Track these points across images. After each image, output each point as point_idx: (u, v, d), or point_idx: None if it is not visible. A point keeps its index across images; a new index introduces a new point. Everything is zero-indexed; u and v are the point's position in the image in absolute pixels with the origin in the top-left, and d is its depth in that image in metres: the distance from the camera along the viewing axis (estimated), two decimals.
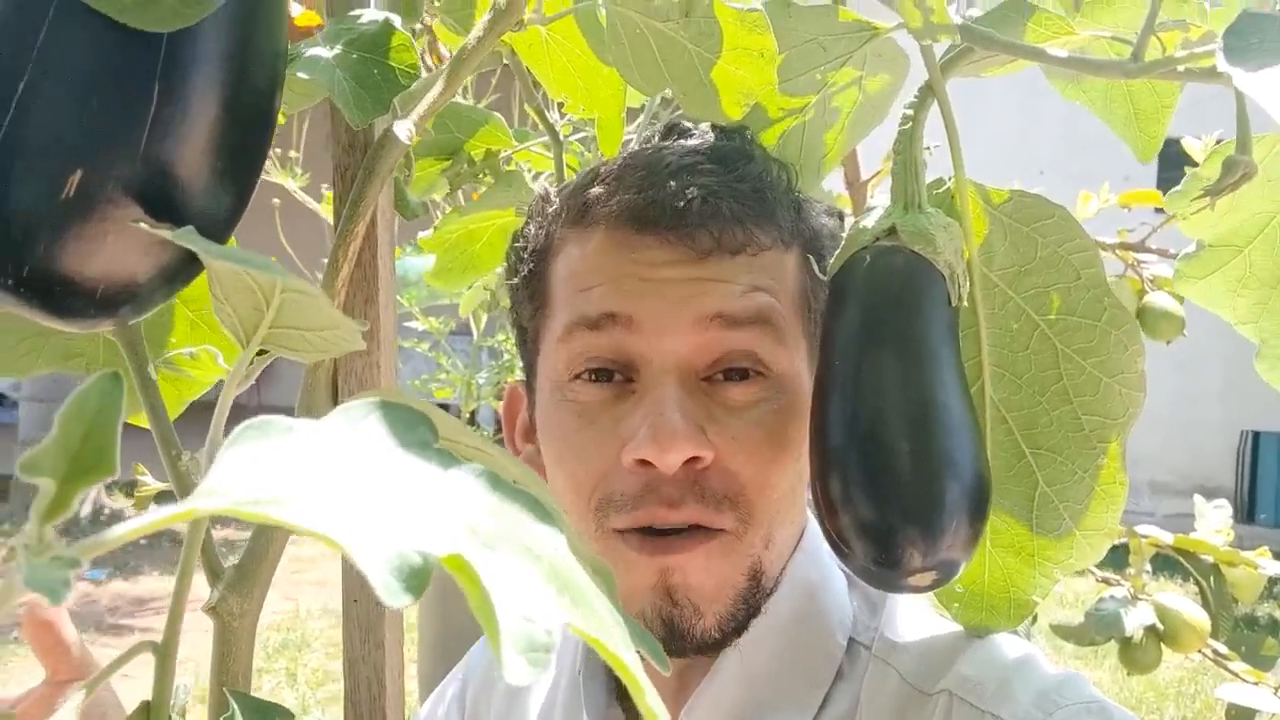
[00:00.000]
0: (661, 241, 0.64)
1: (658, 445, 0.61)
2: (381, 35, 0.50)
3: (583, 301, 0.66)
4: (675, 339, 0.64)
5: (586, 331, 0.65)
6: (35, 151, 0.36)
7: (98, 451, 0.23)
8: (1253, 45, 0.42)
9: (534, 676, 0.22)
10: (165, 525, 0.22)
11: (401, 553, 0.21)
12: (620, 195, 0.65)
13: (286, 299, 0.34)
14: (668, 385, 0.63)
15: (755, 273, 0.65)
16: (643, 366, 0.64)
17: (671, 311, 0.63)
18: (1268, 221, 0.63)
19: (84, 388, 0.24)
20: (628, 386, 0.65)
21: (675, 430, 0.61)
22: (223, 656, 0.43)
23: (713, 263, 0.64)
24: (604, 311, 0.64)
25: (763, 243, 0.65)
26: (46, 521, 0.22)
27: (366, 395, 0.28)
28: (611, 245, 0.66)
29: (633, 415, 0.63)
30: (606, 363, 0.65)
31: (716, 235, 0.64)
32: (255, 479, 0.22)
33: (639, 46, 0.60)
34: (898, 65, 0.65)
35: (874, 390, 0.56)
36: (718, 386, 0.65)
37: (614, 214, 0.65)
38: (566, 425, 0.67)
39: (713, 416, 0.63)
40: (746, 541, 0.65)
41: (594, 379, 0.66)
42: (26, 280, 0.36)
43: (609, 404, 0.65)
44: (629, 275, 0.64)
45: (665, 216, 0.64)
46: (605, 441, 0.64)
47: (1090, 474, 0.63)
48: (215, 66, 0.38)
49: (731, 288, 0.64)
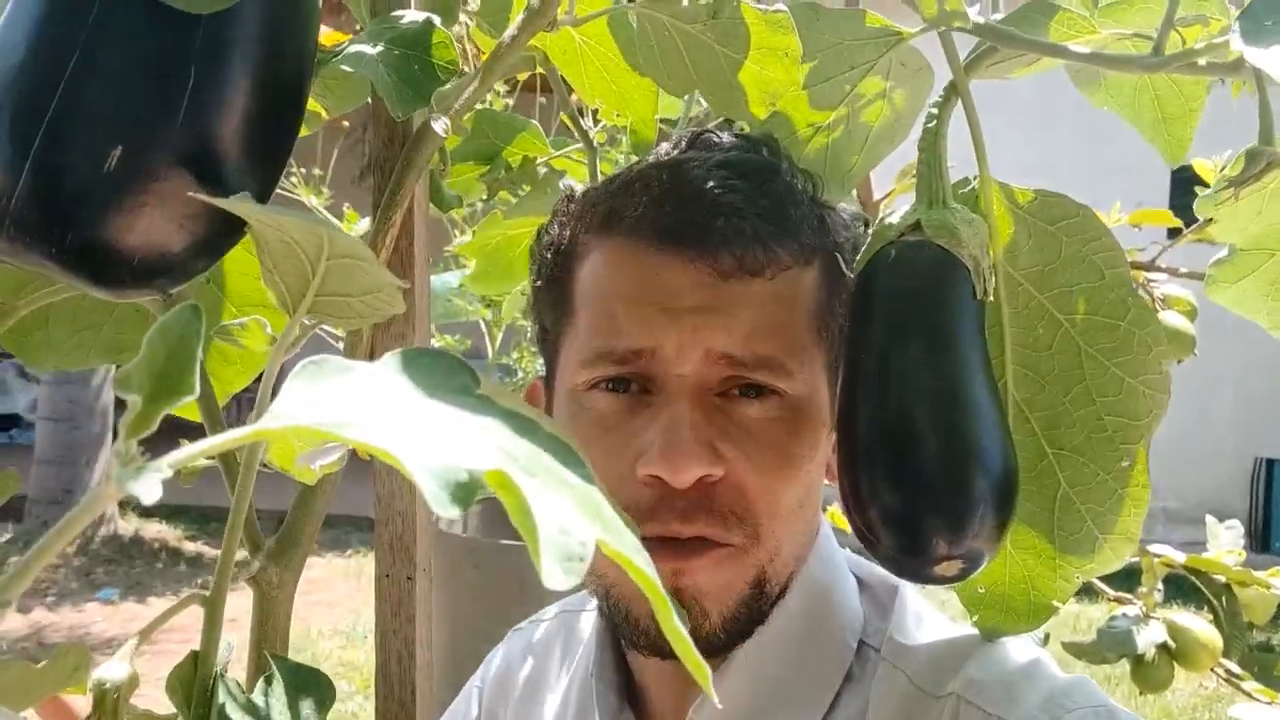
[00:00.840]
0: (684, 261, 0.65)
1: (670, 465, 0.62)
2: (423, 33, 0.51)
3: (608, 335, 0.67)
4: (689, 364, 0.65)
5: (611, 365, 0.66)
6: (82, 126, 0.38)
7: (180, 371, 0.24)
8: (1267, 27, 0.43)
9: (570, 584, 0.23)
10: (235, 445, 0.23)
11: (450, 467, 0.22)
12: (645, 207, 0.66)
13: (333, 265, 0.35)
14: (682, 403, 0.64)
15: (769, 304, 0.66)
16: (660, 383, 0.66)
17: (688, 340, 0.64)
18: None
19: (167, 316, 0.25)
20: (644, 398, 0.66)
21: (688, 451, 0.62)
22: (262, 623, 0.44)
23: (732, 287, 0.65)
24: (629, 349, 0.66)
25: (783, 261, 0.66)
26: (133, 436, 0.23)
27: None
28: (634, 261, 0.67)
29: (648, 430, 0.64)
30: (626, 377, 0.67)
31: (738, 256, 0.65)
32: (318, 405, 0.23)
33: (667, 48, 0.62)
34: (922, 76, 0.66)
35: (901, 381, 0.57)
36: (732, 402, 0.66)
37: (636, 225, 0.66)
38: (582, 433, 0.67)
39: (725, 433, 0.64)
40: (753, 555, 0.66)
41: (611, 388, 0.67)
42: (70, 248, 0.38)
43: (625, 415, 0.66)
44: (652, 305, 0.65)
45: (689, 235, 0.65)
46: (620, 453, 0.65)
47: (1113, 476, 0.63)
48: (249, 48, 0.40)
49: (742, 327, 0.65)
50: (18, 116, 0.38)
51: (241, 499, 0.34)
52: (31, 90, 0.38)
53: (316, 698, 0.42)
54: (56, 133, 0.37)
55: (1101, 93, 0.67)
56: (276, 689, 0.42)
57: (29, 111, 0.38)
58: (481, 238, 0.93)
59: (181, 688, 0.39)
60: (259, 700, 0.41)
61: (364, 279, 0.36)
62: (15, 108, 0.38)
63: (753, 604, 0.67)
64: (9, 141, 0.37)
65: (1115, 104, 0.67)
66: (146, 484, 0.21)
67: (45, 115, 0.37)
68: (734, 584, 0.66)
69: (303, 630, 4.90)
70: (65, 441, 6.17)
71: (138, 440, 0.22)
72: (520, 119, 0.87)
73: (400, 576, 0.58)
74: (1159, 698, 4.04)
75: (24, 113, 0.38)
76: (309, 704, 0.42)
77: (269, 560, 0.43)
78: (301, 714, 0.42)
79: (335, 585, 5.51)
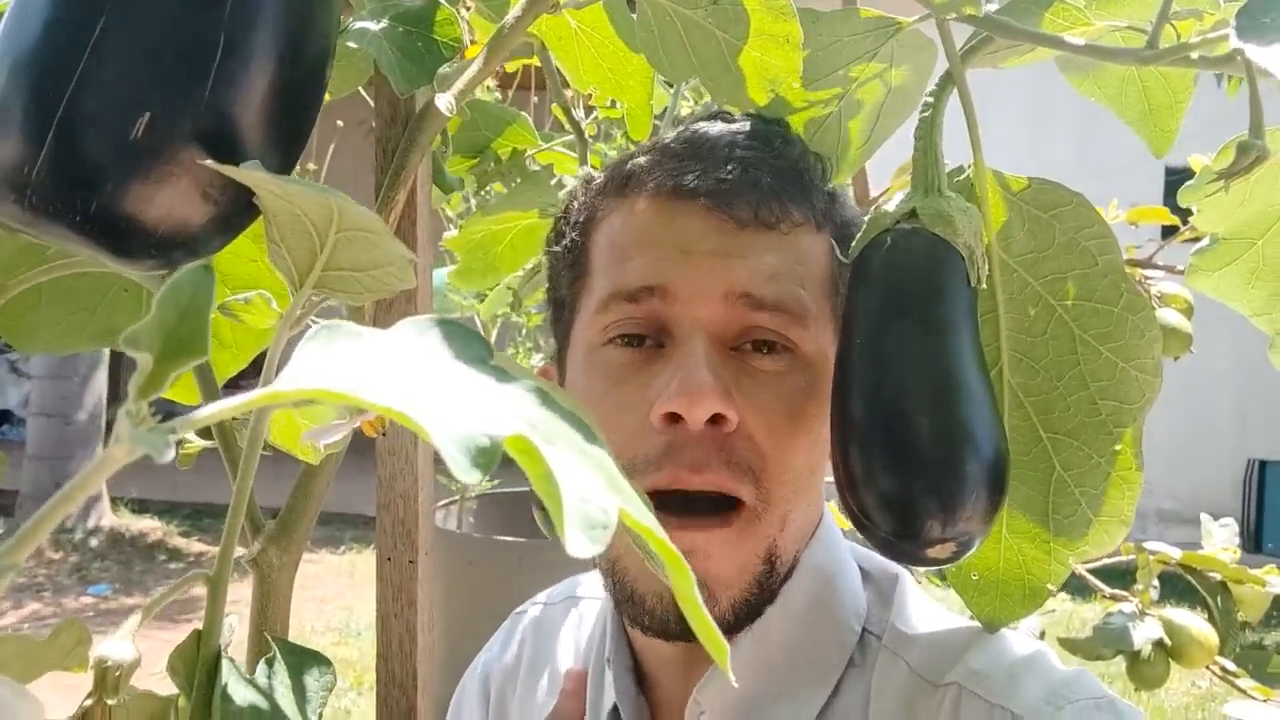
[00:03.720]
0: (701, 210, 0.66)
1: (687, 398, 0.62)
2: (426, 10, 0.52)
3: (621, 273, 0.67)
4: (706, 307, 0.65)
5: (624, 303, 0.67)
6: (108, 92, 0.37)
7: (192, 332, 0.24)
8: (1264, 24, 0.44)
9: (594, 550, 0.23)
10: (247, 409, 0.23)
11: (471, 432, 0.23)
12: (663, 165, 0.67)
13: (341, 238, 0.35)
14: (697, 344, 0.64)
15: (786, 254, 0.66)
16: (675, 330, 0.66)
17: (704, 282, 0.65)
18: None
19: (178, 276, 0.25)
20: (659, 351, 0.66)
21: (704, 384, 0.62)
22: (263, 605, 0.44)
23: (748, 235, 0.66)
24: (643, 285, 0.66)
25: (797, 219, 0.67)
26: (143, 397, 0.23)
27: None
28: (652, 213, 0.68)
29: (662, 374, 0.64)
30: (639, 328, 0.67)
31: (754, 206, 0.65)
32: (332, 370, 0.24)
33: (668, 33, 0.62)
34: (924, 55, 0.67)
35: (894, 365, 0.58)
36: (746, 356, 0.66)
37: (656, 183, 0.67)
38: (596, 388, 0.68)
39: (739, 383, 0.64)
40: (765, 521, 0.65)
41: (625, 343, 0.67)
42: (93, 217, 0.37)
43: (639, 367, 0.66)
44: (668, 245, 0.66)
45: (706, 186, 0.65)
46: (633, 403, 0.65)
47: (1107, 460, 0.64)
48: (278, 18, 0.40)
49: (761, 267, 0.65)
50: (41, 83, 0.37)
51: (245, 477, 0.35)
52: (56, 55, 0.37)
53: (318, 677, 0.43)
54: (81, 98, 0.37)
55: (1089, 83, 0.68)
56: (279, 669, 0.42)
57: (53, 78, 0.37)
58: (465, 233, 0.93)
59: (184, 667, 0.39)
60: (261, 680, 0.41)
61: (374, 252, 0.36)
62: (39, 74, 0.37)
63: (764, 582, 0.67)
64: (32, 108, 0.37)
65: (1102, 95, 0.68)
66: (158, 443, 0.21)
67: (70, 81, 0.37)
68: (747, 563, 0.66)
69: (296, 626, 4.87)
70: (57, 437, 6.15)
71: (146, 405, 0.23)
72: (510, 110, 0.87)
73: (402, 560, 0.58)
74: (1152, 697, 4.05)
75: (48, 79, 0.37)
76: (313, 679, 0.42)
77: (269, 543, 0.43)
78: (306, 691, 0.42)
79: (328, 582, 5.50)
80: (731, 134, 0.67)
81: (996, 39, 0.60)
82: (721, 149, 0.66)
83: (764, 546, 0.66)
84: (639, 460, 0.64)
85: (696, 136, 0.68)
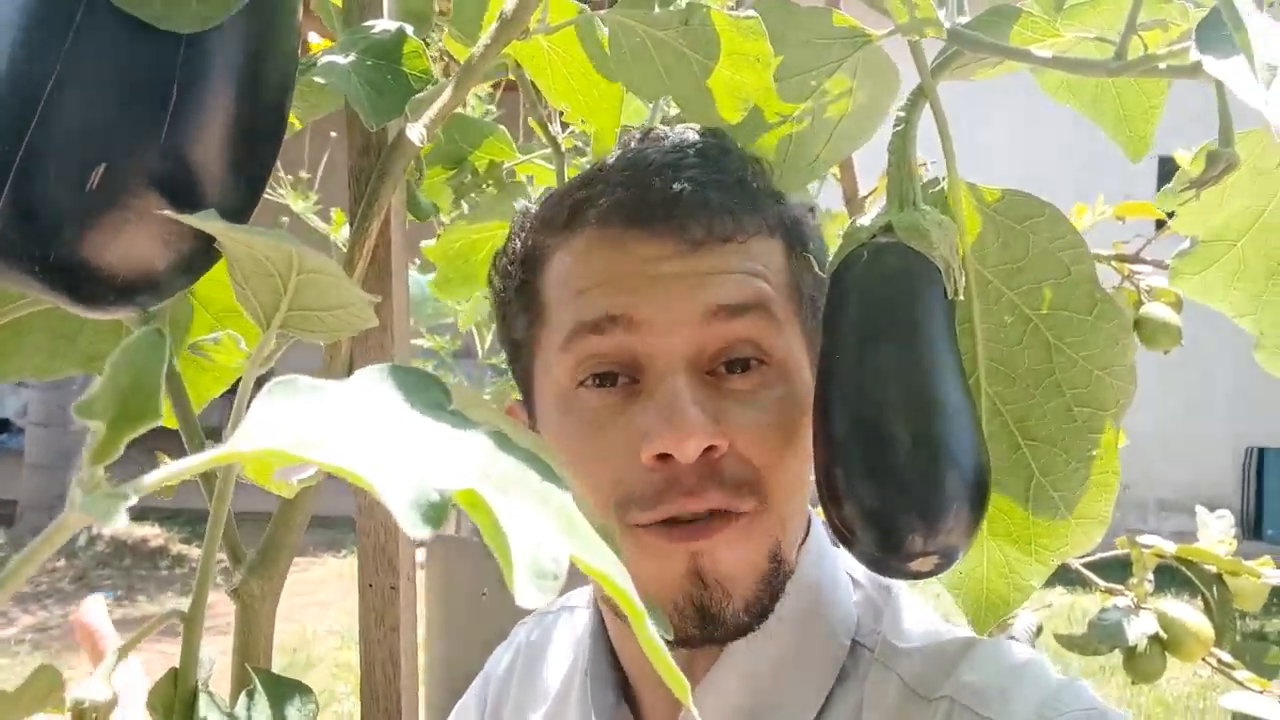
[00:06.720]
0: (653, 236, 0.65)
1: (675, 435, 0.61)
2: (395, 42, 0.52)
3: (581, 305, 0.66)
4: (681, 334, 0.64)
5: (589, 335, 0.65)
6: (63, 145, 0.38)
7: (144, 398, 0.24)
8: (1225, 36, 0.44)
9: (543, 601, 0.23)
10: (205, 469, 0.23)
11: (422, 489, 0.23)
12: (607, 195, 0.66)
13: (303, 280, 0.35)
14: (677, 378, 0.63)
15: (747, 259, 0.66)
16: (647, 365, 0.65)
17: (675, 307, 0.64)
18: (1258, 215, 0.64)
19: (130, 340, 0.26)
20: (633, 388, 0.65)
21: (692, 422, 0.61)
22: (245, 636, 0.44)
23: (706, 253, 0.65)
24: (605, 314, 0.65)
25: (750, 229, 0.66)
26: (97, 462, 0.23)
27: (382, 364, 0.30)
28: (604, 245, 0.66)
29: (645, 413, 0.63)
30: (610, 365, 0.66)
31: (707, 224, 0.65)
32: (288, 427, 0.24)
33: (640, 54, 0.62)
34: (888, 79, 0.67)
35: (874, 380, 0.58)
36: (721, 379, 0.65)
37: (603, 214, 0.66)
38: (579, 433, 0.66)
39: (722, 408, 0.64)
40: (766, 521, 0.65)
41: (599, 384, 0.66)
42: (52, 266, 0.37)
43: (617, 409, 0.65)
44: (626, 274, 0.65)
45: (656, 210, 0.64)
46: (620, 444, 0.64)
47: (1084, 464, 0.64)
48: (232, 66, 0.40)
49: (728, 276, 0.65)
50: None
51: (218, 515, 0.35)
52: (11, 107, 0.38)
53: (300, 707, 0.43)
54: (37, 149, 0.37)
55: (1064, 90, 0.68)
56: (259, 701, 0.42)
57: (8, 129, 0.37)
58: (444, 242, 0.93)
59: (162, 706, 0.39)
60: (241, 714, 0.41)
61: (335, 294, 0.36)
62: None
63: (772, 580, 0.67)
64: None
65: (1077, 101, 0.68)
66: (110, 511, 0.21)
67: (26, 132, 0.37)
68: (754, 560, 0.65)
69: (299, 631, 4.90)
70: (56, 447, 6.15)
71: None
72: (488, 123, 0.87)
73: (384, 586, 0.58)
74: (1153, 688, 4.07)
75: (3, 130, 0.37)
76: (294, 710, 0.43)
77: (250, 574, 0.44)
78: None
79: (331, 586, 5.52)
80: (673, 154, 0.66)
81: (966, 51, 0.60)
82: (665, 171, 0.65)
83: (768, 546, 0.66)
84: (635, 496, 0.64)
85: (638, 160, 0.67)
